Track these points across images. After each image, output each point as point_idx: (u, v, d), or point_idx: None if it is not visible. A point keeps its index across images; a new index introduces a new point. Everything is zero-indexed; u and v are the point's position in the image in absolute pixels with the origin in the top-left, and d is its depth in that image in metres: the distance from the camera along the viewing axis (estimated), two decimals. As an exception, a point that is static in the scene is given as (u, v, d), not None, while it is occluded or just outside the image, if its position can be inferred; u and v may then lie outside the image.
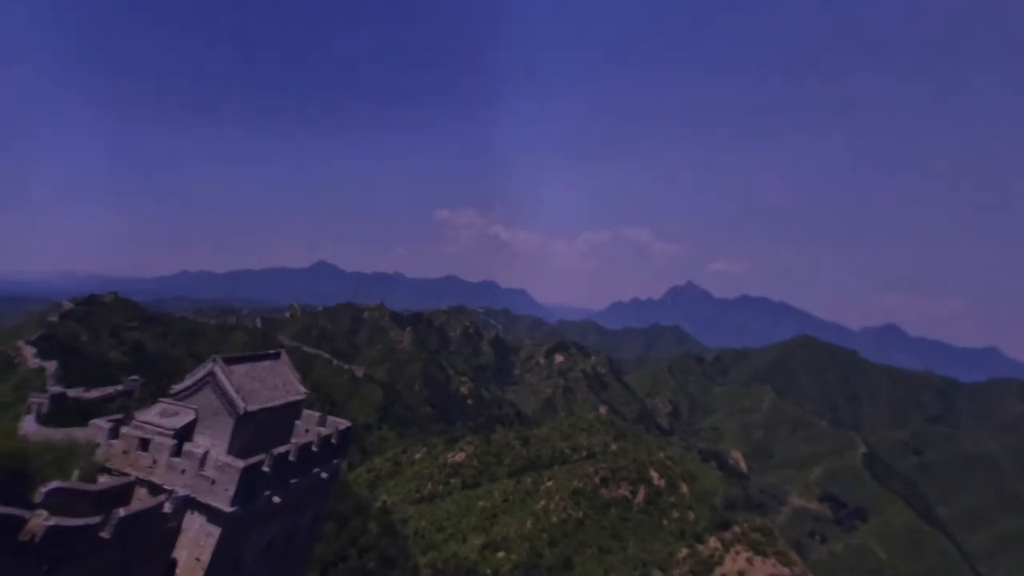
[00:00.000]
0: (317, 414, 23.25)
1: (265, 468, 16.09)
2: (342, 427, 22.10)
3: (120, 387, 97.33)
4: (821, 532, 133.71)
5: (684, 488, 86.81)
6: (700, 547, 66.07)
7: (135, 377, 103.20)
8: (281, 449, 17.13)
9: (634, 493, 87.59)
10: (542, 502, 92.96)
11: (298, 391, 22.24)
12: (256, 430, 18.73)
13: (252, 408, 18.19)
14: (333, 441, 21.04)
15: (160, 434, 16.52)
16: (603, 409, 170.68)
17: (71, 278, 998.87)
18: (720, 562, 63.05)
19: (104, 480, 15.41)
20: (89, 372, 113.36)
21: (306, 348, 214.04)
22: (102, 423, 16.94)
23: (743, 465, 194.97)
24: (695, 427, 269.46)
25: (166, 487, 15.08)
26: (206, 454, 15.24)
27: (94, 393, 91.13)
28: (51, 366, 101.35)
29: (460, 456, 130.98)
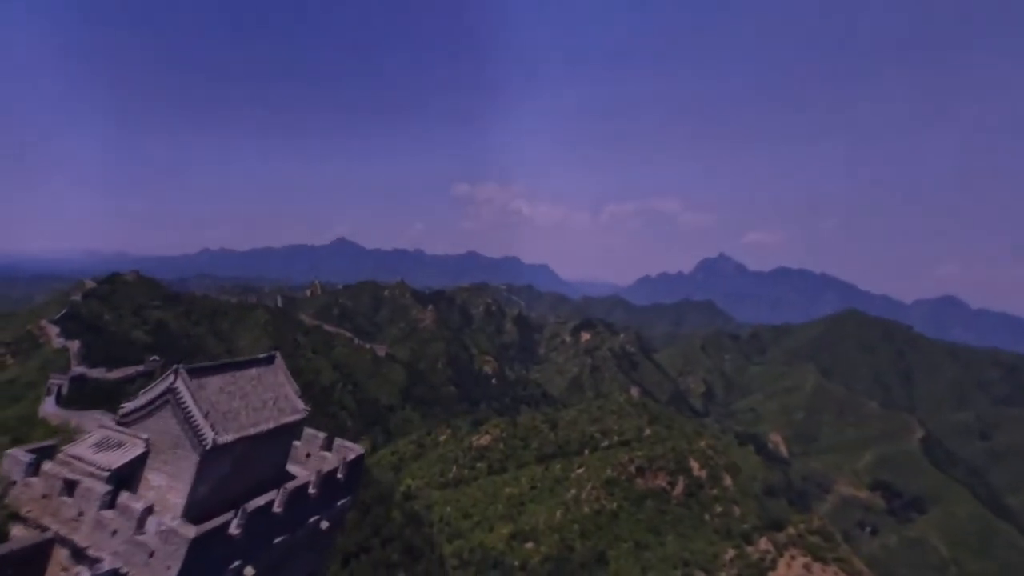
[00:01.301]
0: (322, 435, 19.31)
1: (234, 530, 12.20)
2: (352, 456, 18.05)
3: (141, 367, 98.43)
4: (872, 524, 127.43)
5: (728, 481, 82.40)
6: (749, 548, 62.02)
7: (155, 358, 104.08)
8: (260, 502, 13.19)
9: (672, 484, 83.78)
10: (572, 491, 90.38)
11: (295, 408, 18.27)
12: (233, 465, 14.87)
13: (225, 439, 14.26)
14: (339, 476, 17.07)
15: (91, 474, 12.78)
16: (635, 391, 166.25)
17: (95, 256, 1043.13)
18: (772, 567, 58.85)
19: (15, 534, 11.90)
20: (112, 351, 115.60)
21: (327, 327, 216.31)
22: (21, 454, 13.32)
23: (783, 449, 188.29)
24: (731, 408, 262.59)
25: (90, 552, 11.42)
26: (146, 512, 11.43)
27: (115, 373, 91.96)
28: (74, 345, 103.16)
29: (486, 439, 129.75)
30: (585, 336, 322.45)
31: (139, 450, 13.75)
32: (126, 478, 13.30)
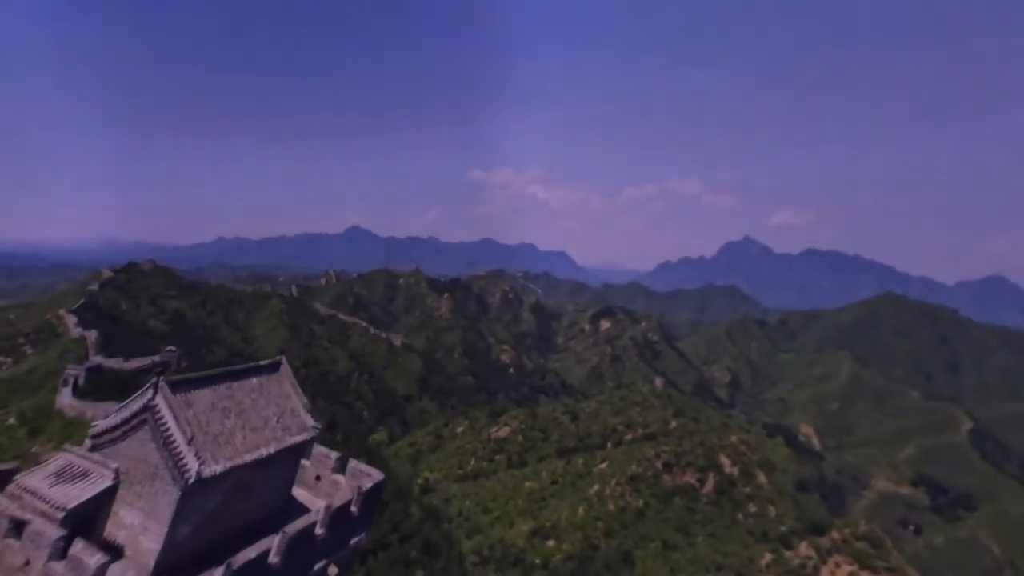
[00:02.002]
0: (334, 456, 17.26)
1: (216, 589, 10.17)
2: (369, 484, 15.98)
3: (157, 358, 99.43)
4: (915, 522, 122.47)
5: (762, 478, 79.35)
6: (788, 553, 59.21)
7: (171, 348, 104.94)
8: (252, 553, 11.14)
9: (702, 481, 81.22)
10: (596, 487, 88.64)
11: (304, 426, 16.19)
12: (223, 499, 12.87)
13: (213, 470, 12.21)
14: (353, 510, 15.04)
15: (44, 514, 10.87)
16: (659, 381, 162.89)
17: (114, 245, 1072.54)
18: (815, 574, 55.97)
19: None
20: (130, 341, 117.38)
21: (342, 316, 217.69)
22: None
23: (815, 442, 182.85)
24: (758, 398, 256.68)
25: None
26: (101, 568, 9.43)
27: (132, 364, 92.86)
28: (92, 335, 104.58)
29: (504, 431, 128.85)
30: (605, 324, 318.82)
31: (105, 483, 11.78)
32: (89, 516, 11.37)
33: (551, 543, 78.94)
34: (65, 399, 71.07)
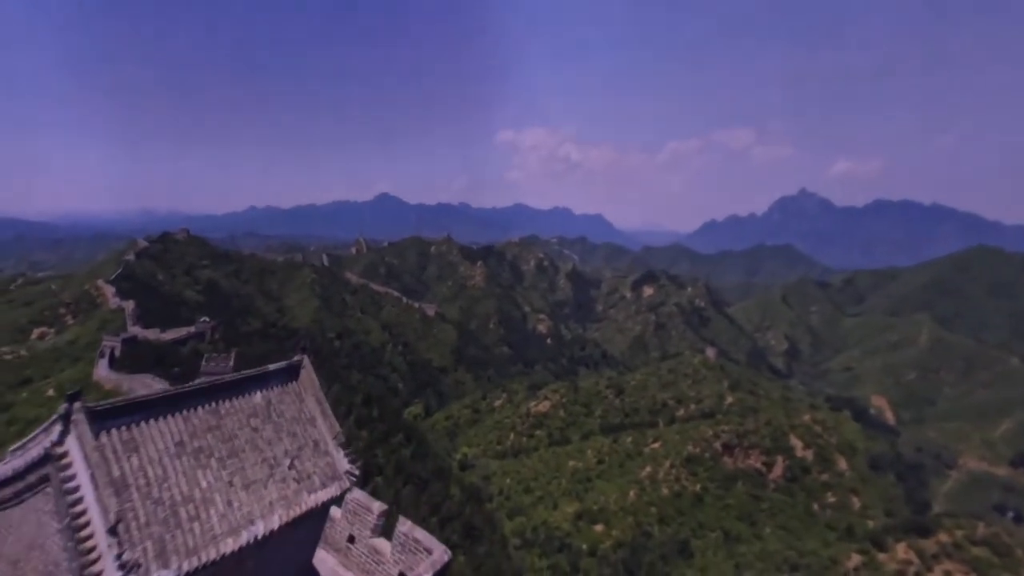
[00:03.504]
0: (377, 509, 12.82)
1: None
2: (429, 571, 11.47)
3: (192, 329, 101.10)
4: (1016, 508, 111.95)
5: (843, 464, 72.64)
6: (882, 556, 53.11)
7: (205, 319, 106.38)
8: None
9: (768, 466, 75.53)
10: (647, 468, 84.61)
11: (332, 472, 11.40)
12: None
13: None
14: None
15: None
16: (711, 352, 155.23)
17: (150, 216, 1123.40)
18: (918, 582, 49.45)
19: None
20: (166, 312, 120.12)
21: (375, 286, 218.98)
22: None
23: (889, 415, 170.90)
24: (820, 368, 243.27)
25: None
26: None
27: (168, 335, 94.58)
28: (129, 306, 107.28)
29: (544, 406, 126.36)
30: (647, 290, 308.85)
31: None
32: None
33: (599, 528, 76.12)
34: (102, 371, 72.29)
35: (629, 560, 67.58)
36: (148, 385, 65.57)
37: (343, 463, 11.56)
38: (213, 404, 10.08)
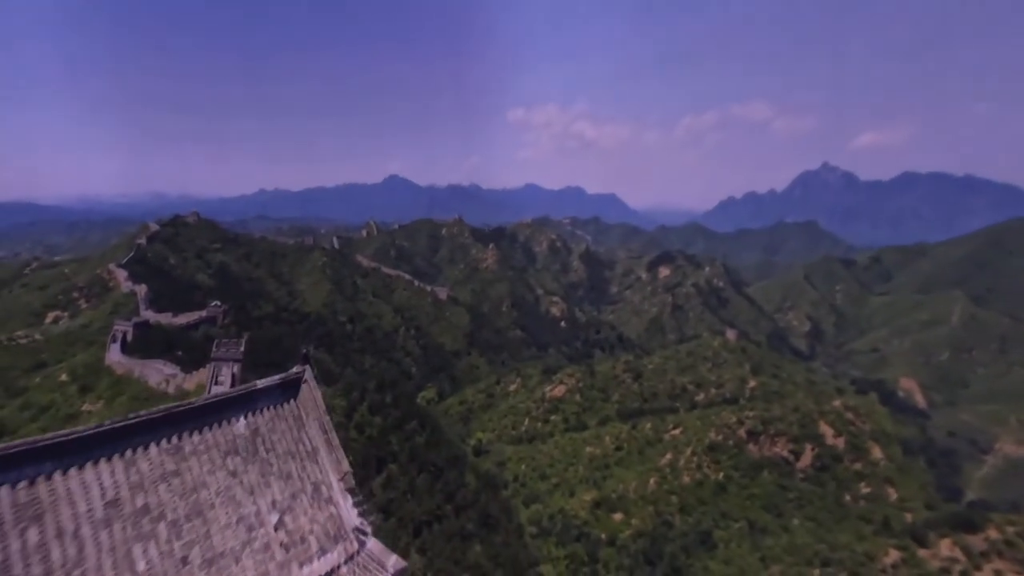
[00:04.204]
0: (393, 564, 9.43)
1: None
2: None
3: (204, 313, 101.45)
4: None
5: (878, 453, 70.04)
6: (923, 552, 50.83)
7: (216, 303, 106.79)
8: None
9: (796, 454, 73.33)
10: (668, 456, 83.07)
11: (336, 529, 8.59)
12: None
13: None
14: None
15: None
16: (731, 333, 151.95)
17: (161, 199, 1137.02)
18: (965, 582, 46.95)
19: None
20: (178, 296, 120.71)
21: (386, 269, 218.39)
22: None
23: (920, 398, 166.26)
24: (845, 349, 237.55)
25: None
26: None
27: (180, 319, 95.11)
28: (142, 290, 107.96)
29: (560, 390, 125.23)
30: (664, 271, 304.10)
31: None
32: None
33: (618, 517, 75.12)
34: (114, 356, 72.31)
35: (649, 550, 66.57)
36: (159, 371, 65.30)
37: (351, 515, 8.75)
38: (175, 439, 7.78)
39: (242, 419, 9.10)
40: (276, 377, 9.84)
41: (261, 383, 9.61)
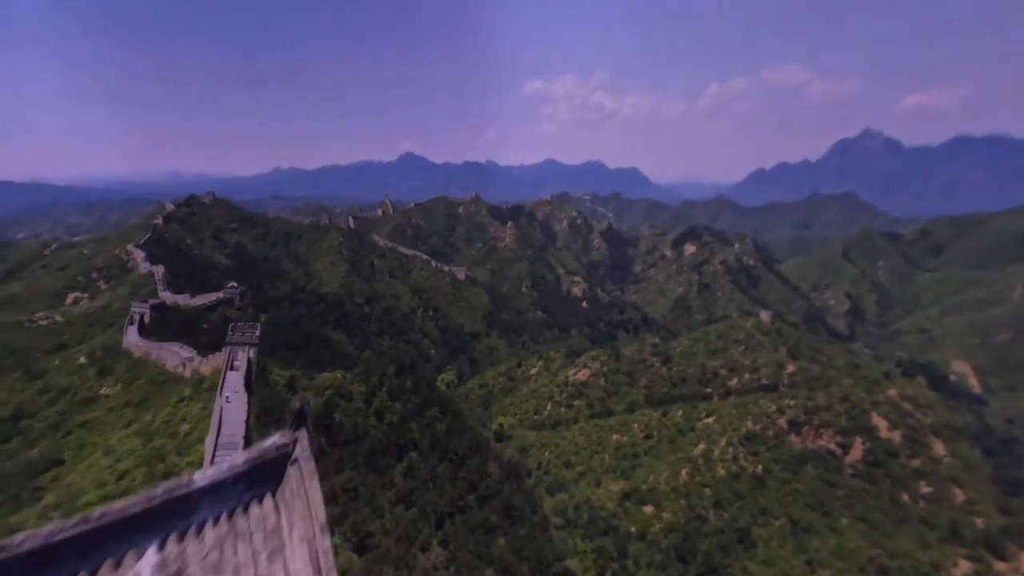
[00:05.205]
0: None
1: None
2: None
3: (221, 294, 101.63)
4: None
5: (940, 449, 65.54)
6: (1000, 565, 46.60)
7: (233, 284, 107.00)
8: None
9: (844, 448, 69.48)
10: (701, 446, 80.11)
11: None
12: None
13: None
14: None
15: None
16: (765, 315, 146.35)
17: (178, 179, 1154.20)
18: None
19: None
20: (195, 276, 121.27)
21: (402, 249, 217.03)
22: None
23: (974, 383, 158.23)
24: (889, 330, 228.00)
25: None
26: None
27: (198, 300, 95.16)
28: (159, 270, 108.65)
29: (583, 374, 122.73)
30: (690, 248, 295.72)
31: None
32: None
33: (648, 509, 72.88)
34: (131, 338, 72.33)
35: (682, 547, 64.29)
36: (176, 353, 64.72)
37: None
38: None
39: (151, 550, 3.94)
40: (252, 452, 4.67)
41: (227, 468, 4.38)
